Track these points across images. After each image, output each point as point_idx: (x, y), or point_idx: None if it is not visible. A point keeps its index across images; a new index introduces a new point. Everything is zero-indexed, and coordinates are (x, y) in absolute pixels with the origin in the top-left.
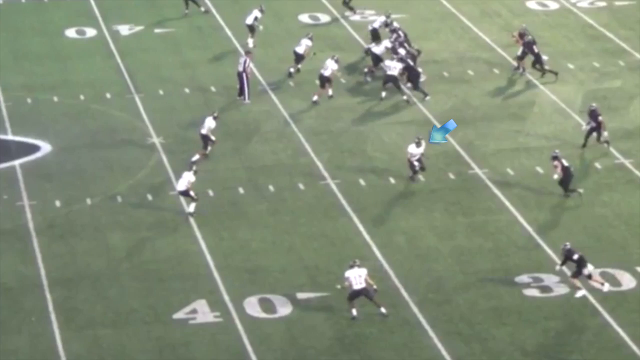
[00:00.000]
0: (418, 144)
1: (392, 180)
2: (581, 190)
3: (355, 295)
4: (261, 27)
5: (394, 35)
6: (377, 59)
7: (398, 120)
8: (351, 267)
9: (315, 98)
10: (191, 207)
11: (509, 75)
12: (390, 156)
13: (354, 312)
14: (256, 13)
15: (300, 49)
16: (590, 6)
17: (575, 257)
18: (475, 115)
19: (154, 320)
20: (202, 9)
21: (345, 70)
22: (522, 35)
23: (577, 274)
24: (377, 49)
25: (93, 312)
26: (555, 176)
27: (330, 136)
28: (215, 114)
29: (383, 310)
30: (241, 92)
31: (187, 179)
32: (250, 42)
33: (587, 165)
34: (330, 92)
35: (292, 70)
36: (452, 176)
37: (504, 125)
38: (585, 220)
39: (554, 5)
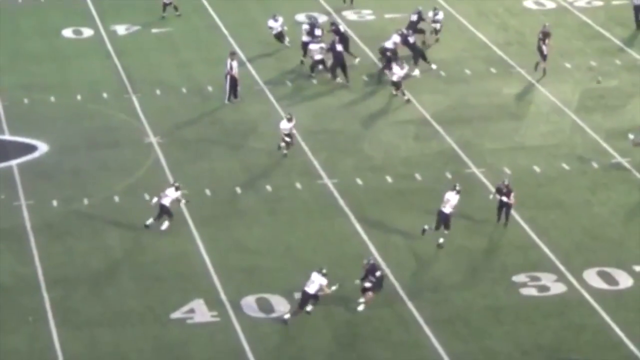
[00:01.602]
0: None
1: (390, 179)
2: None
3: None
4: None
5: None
6: (389, 54)
7: (395, 120)
8: (318, 272)
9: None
10: (164, 225)
11: (506, 74)
12: (387, 155)
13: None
14: (271, 23)
15: (389, 44)
16: (587, 5)
17: (378, 274)
18: (473, 115)
19: (151, 319)
20: (178, 13)
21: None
22: (545, 34)
23: (376, 287)
24: (388, 43)
25: (90, 312)
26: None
27: (327, 135)
28: (289, 116)
29: (286, 317)
30: (235, 93)
31: (168, 194)
32: (286, 41)
33: (584, 164)
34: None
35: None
36: (449, 175)
37: (501, 125)
38: (582, 219)
39: (550, 5)
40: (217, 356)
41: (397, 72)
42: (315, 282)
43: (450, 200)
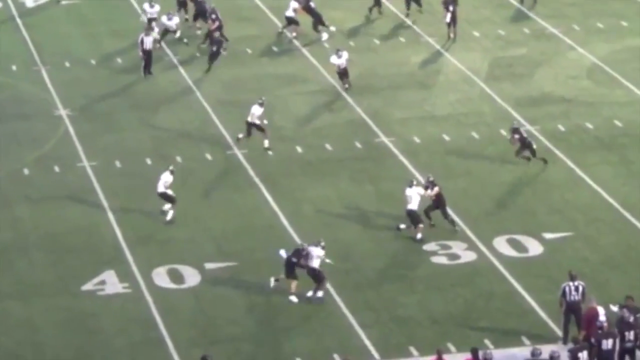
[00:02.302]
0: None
1: (300, 150)
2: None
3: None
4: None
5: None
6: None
7: (305, 90)
8: (317, 245)
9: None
10: (166, 207)
11: (415, 43)
12: (297, 125)
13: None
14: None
15: (289, 12)
16: None
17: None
18: (381, 84)
19: (62, 292)
20: None
21: (250, 41)
22: (447, 2)
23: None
24: (288, 12)
25: (1, 285)
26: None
27: (237, 106)
28: (261, 100)
29: (319, 294)
30: (148, 69)
31: (163, 180)
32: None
33: (492, 132)
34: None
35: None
36: (358, 145)
37: (410, 94)
38: (492, 187)
39: None
40: (128, 327)
41: (335, 61)
42: (317, 255)
43: (412, 196)
